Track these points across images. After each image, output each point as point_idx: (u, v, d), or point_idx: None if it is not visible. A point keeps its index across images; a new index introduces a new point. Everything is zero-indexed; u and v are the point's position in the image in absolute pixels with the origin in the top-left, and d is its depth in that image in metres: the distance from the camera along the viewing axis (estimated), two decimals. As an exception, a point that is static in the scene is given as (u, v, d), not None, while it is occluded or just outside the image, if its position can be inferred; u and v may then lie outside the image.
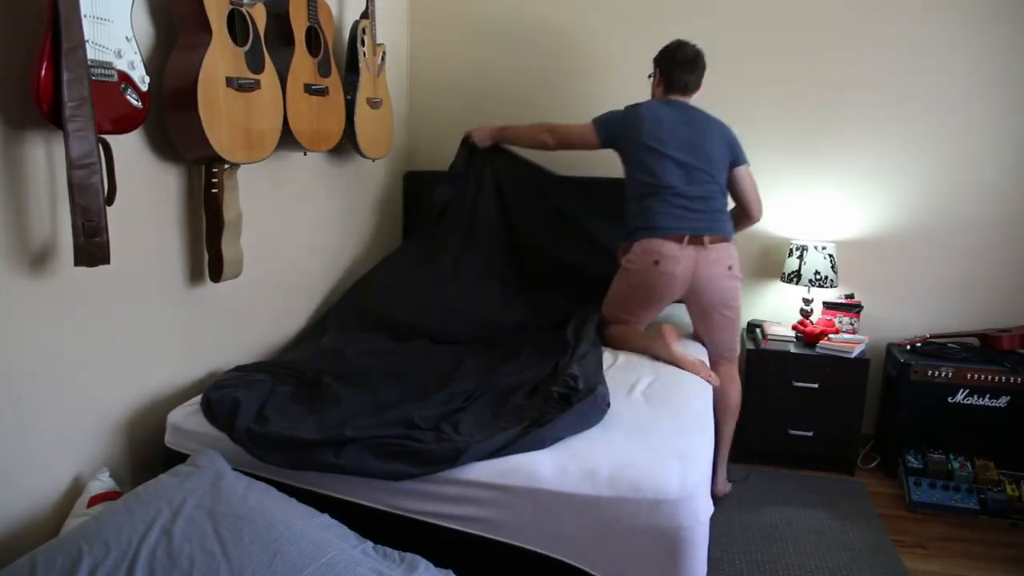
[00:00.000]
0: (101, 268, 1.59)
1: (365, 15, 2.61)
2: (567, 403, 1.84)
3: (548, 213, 2.98)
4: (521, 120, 3.27)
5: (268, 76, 1.99)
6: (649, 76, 2.66)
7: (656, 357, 2.34)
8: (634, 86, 3.16)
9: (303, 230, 2.57)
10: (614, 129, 2.55)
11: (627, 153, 2.53)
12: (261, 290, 2.34)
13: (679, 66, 2.53)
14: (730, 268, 2.44)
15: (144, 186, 1.83)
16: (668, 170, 2.43)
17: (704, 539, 1.58)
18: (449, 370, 2.20)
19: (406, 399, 1.96)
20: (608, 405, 1.88)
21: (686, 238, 2.37)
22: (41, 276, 1.57)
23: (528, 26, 3.21)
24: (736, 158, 2.56)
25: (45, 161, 1.56)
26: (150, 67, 1.67)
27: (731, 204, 2.61)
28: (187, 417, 1.84)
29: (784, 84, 3.03)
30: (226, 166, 1.94)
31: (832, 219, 3.09)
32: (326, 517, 1.54)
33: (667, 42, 3.19)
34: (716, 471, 2.59)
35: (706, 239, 2.39)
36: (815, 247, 2.96)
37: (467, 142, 2.90)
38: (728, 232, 2.47)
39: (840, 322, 2.98)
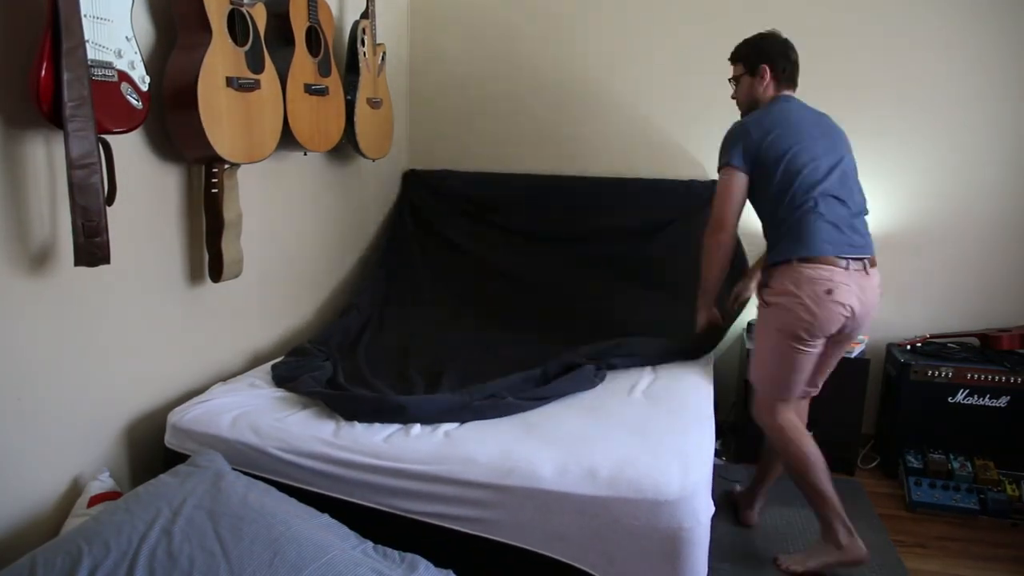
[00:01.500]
0: (101, 268, 1.59)
1: (365, 15, 2.61)
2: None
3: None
4: (522, 119, 3.27)
5: (268, 76, 1.99)
6: (732, 80, 2.35)
7: None
8: (634, 85, 3.16)
9: (303, 230, 2.57)
10: (751, 150, 2.13)
11: (767, 168, 2.11)
12: (261, 290, 2.34)
13: (783, 56, 2.26)
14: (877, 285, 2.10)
15: (144, 186, 1.83)
16: (818, 170, 2.08)
17: (705, 540, 1.58)
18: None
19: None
20: (601, 378, 2.16)
21: (849, 259, 2.01)
22: (41, 276, 1.57)
23: (529, 25, 3.21)
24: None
25: (45, 161, 1.56)
26: (150, 67, 1.67)
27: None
28: (187, 417, 1.84)
29: (784, 84, 3.03)
30: (226, 166, 1.94)
31: (832, 219, 3.08)
32: (326, 517, 1.54)
33: (665, 43, 3.19)
34: (755, 500, 2.44)
35: (866, 262, 2.05)
36: (815, 247, 2.95)
37: None
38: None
39: (840, 322, 2.98)
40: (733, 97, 2.34)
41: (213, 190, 1.94)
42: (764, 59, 2.26)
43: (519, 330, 2.68)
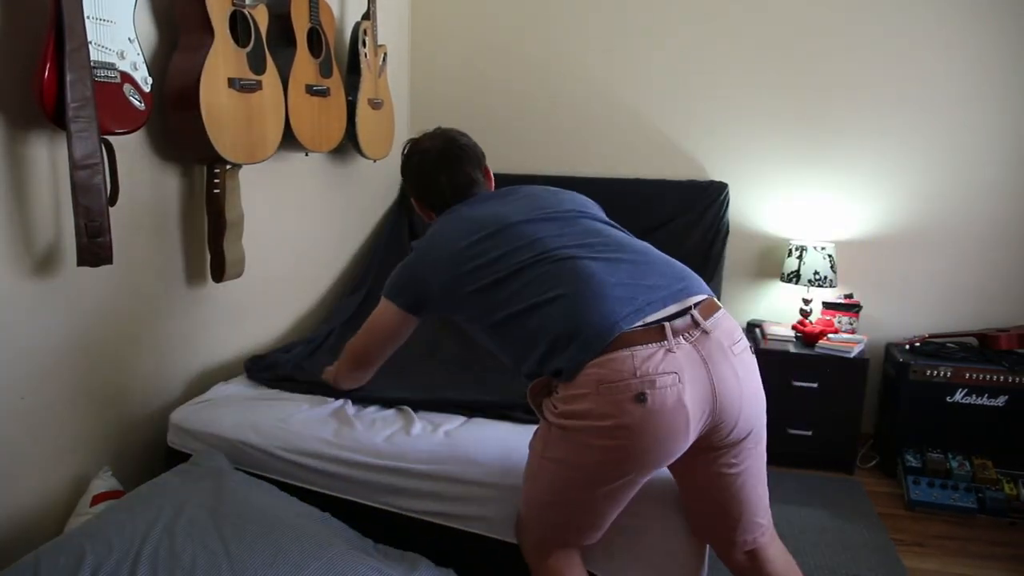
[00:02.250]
0: (104, 268, 1.60)
1: (367, 16, 2.61)
2: None
3: None
4: (522, 119, 3.28)
5: (270, 77, 2.00)
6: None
7: None
8: (634, 86, 3.17)
9: (304, 230, 2.57)
10: (416, 287, 1.56)
11: (459, 290, 1.47)
12: (263, 290, 2.35)
13: (429, 183, 1.66)
14: (740, 342, 1.36)
15: (146, 187, 1.83)
16: (536, 230, 1.46)
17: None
18: None
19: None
20: None
21: (666, 326, 1.28)
22: (44, 276, 1.58)
23: (529, 27, 3.22)
24: None
25: (48, 162, 1.57)
26: (153, 68, 1.68)
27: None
28: (189, 417, 1.85)
29: (783, 84, 3.04)
30: (228, 166, 1.95)
31: (831, 219, 3.09)
32: (327, 516, 1.55)
33: (665, 43, 3.17)
34: None
35: (694, 307, 1.33)
36: (814, 247, 2.96)
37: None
38: (708, 289, 1.43)
39: (839, 322, 2.99)
40: None
41: (215, 190, 1.95)
42: (412, 192, 1.74)
43: None
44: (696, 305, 1.34)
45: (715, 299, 1.39)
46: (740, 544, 1.51)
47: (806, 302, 3.03)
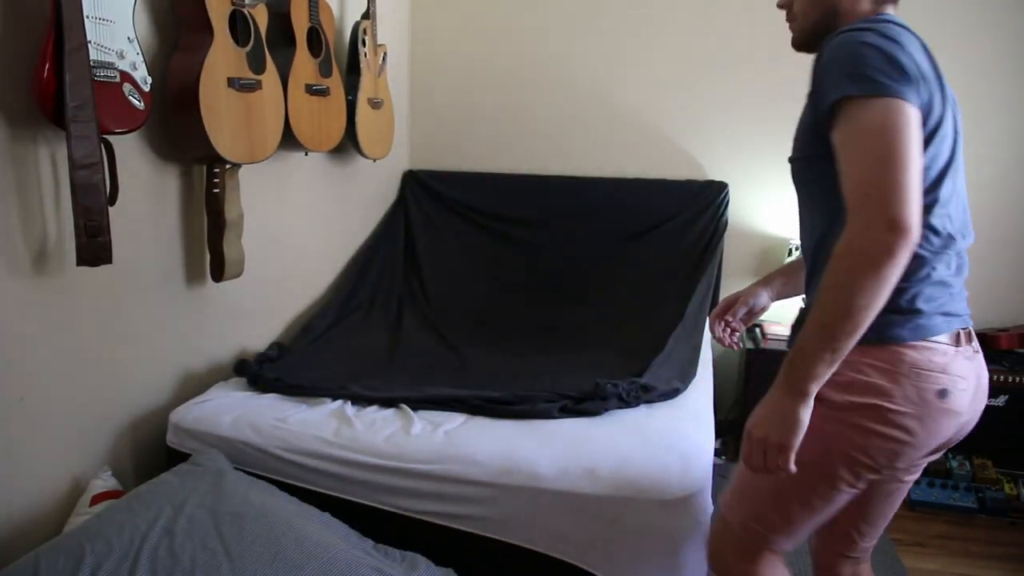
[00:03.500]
0: (103, 268, 1.60)
1: (366, 16, 2.61)
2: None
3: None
4: (522, 119, 3.27)
5: (269, 76, 2.00)
6: None
7: None
8: (634, 85, 3.16)
9: (304, 230, 2.57)
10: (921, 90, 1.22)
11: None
12: (262, 290, 2.35)
13: None
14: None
15: (146, 186, 1.83)
16: (949, 177, 1.25)
17: (704, 539, 1.58)
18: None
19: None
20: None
21: (960, 333, 1.23)
22: (44, 276, 1.58)
23: (530, 27, 3.22)
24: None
25: (48, 162, 1.56)
26: (152, 68, 1.68)
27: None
28: (189, 417, 1.85)
29: (783, 83, 3.03)
30: (227, 166, 1.95)
31: (831, 219, 3.09)
32: (327, 516, 1.55)
33: (665, 43, 3.16)
34: None
35: (971, 332, 1.27)
36: (814, 247, 2.96)
37: None
38: None
39: (839, 322, 2.98)
40: (781, 6, 1.40)
41: (215, 190, 1.95)
42: None
43: (499, 339, 2.64)
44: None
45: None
46: (852, 549, 1.48)
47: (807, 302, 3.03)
